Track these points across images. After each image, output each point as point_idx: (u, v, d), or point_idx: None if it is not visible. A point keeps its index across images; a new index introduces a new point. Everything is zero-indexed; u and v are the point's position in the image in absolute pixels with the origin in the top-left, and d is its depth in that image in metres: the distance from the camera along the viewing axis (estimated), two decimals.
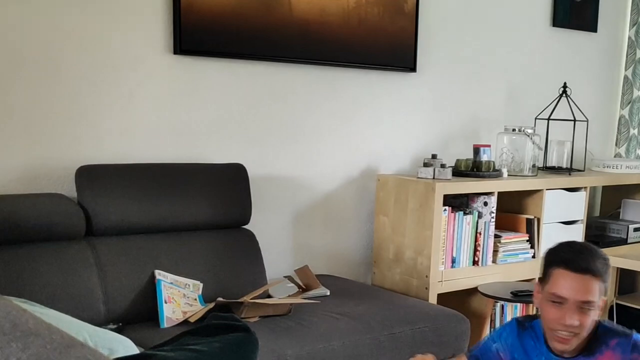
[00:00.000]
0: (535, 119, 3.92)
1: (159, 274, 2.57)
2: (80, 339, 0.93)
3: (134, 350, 1.96)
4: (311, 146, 3.31)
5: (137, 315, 2.53)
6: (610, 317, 3.96)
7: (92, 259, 2.50)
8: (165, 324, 2.48)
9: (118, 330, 2.31)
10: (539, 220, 3.59)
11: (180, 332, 1.82)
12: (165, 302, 2.51)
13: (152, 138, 2.86)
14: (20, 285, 2.30)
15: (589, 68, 4.40)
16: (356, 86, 3.42)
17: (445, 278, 3.25)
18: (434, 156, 3.43)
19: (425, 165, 3.37)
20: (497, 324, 3.55)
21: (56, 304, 2.31)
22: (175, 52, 2.85)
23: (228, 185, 2.85)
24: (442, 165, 3.32)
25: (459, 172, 3.42)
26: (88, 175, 2.56)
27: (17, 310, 0.91)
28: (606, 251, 4.00)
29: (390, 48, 3.44)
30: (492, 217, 3.36)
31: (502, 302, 3.48)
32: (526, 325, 2.04)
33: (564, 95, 3.87)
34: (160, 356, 1.79)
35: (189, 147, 2.96)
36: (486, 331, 3.38)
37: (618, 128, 4.56)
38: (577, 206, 3.76)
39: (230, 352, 1.78)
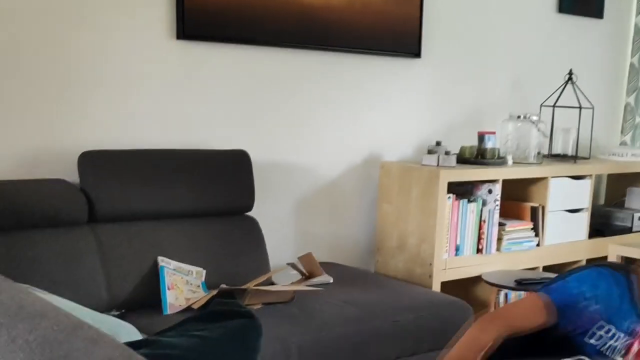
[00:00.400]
0: (541, 106, 3.89)
1: (162, 261, 2.56)
2: None
3: (138, 336, 1.95)
4: (315, 133, 3.29)
5: (140, 301, 2.52)
6: None
7: (95, 245, 2.48)
8: (168, 311, 2.47)
9: (121, 317, 2.30)
10: (543, 208, 3.57)
11: (184, 318, 1.80)
12: (168, 289, 2.50)
13: (155, 124, 2.84)
14: (22, 271, 2.29)
15: (595, 55, 4.37)
16: (360, 72, 3.39)
17: (449, 266, 3.24)
18: (438, 143, 3.41)
19: (430, 152, 3.35)
20: None
21: (58, 290, 2.30)
22: (178, 37, 2.82)
23: (231, 172, 2.83)
24: (447, 153, 3.31)
25: (463, 159, 3.40)
26: (91, 160, 2.55)
27: (23, 293, 0.90)
28: (610, 240, 4.01)
29: (394, 33, 3.42)
30: (497, 205, 3.34)
31: (506, 291, 3.47)
32: (626, 279, 1.82)
33: (569, 82, 3.84)
34: (164, 342, 1.78)
35: (191, 133, 2.94)
36: None
37: (624, 116, 4.54)
38: (582, 194, 3.75)
39: (234, 338, 1.77)
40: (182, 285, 2.54)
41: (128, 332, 1.94)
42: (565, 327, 1.78)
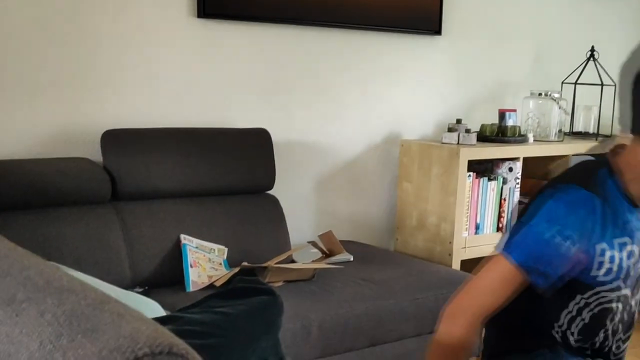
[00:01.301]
0: (562, 83, 3.86)
1: (185, 239, 2.59)
2: None
3: (161, 312, 1.98)
4: (335, 111, 3.28)
5: (163, 279, 2.55)
6: None
7: (118, 223, 2.51)
8: (191, 288, 2.50)
9: (144, 294, 2.33)
10: None
11: (207, 295, 1.83)
12: (191, 266, 2.53)
13: (176, 102, 2.86)
14: (47, 249, 2.33)
15: (618, 31, 4.31)
16: (381, 50, 3.38)
17: (469, 244, 3.23)
18: (458, 121, 3.39)
19: (450, 130, 3.34)
20: None
21: (82, 267, 2.34)
22: (199, 16, 2.83)
23: (252, 150, 2.84)
24: (467, 131, 3.29)
25: (483, 137, 3.39)
26: (113, 139, 2.57)
27: (51, 268, 0.92)
28: None
29: (415, 11, 3.39)
30: (517, 183, 3.33)
31: None
32: (601, 190, 1.49)
33: (591, 59, 3.80)
34: (187, 318, 1.81)
35: (213, 112, 2.95)
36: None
37: None
38: None
39: (256, 314, 1.79)
40: (205, 262, 2.57)
41: (152, 308, 1.97)
42: (548, 281, 1.46)
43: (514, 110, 3.57)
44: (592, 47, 3.82)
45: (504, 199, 3.33)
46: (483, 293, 1.48)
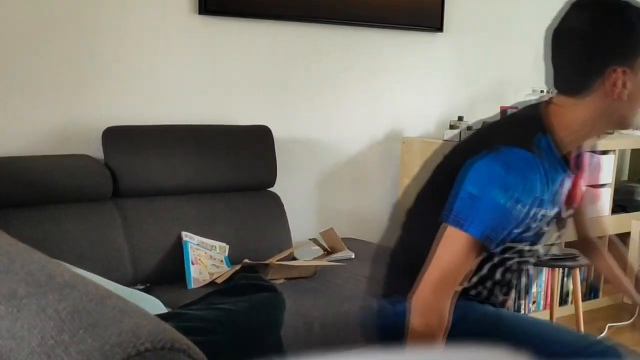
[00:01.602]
0: None
1: (186, 236, 2.58)
2: None
3: (162, 309, 1.98)
4: (336, 108, 3.28)
5: (164, 276, 2.55)
6: (637, 283, 3.93)
7: (119, 220, 2.51)
8: (193, 285, 2.50)
9: (146, 291, 2.33)
10: None
11: (208, 292, 1.83)
12: (192, 264, 2.53)
13: (177, 99, 2.85)
14: (49, 245, 2.32)
15: None
16: (382, 47, 3.37)
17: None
18: (460, 118, 3.39)
19: (452, 127, 3.33)
20: (521, 288, 3.54)
21: (84, 265, 2.34)
22: (200, 12, 2.82)
23: (253, 147, 2.84)
24: (469, 128, 3.28)
25: None
26: (115, 136, 2.57)
27: (52, 263, 0.92)
28: (634, 215, 3.97)
29: (416, 8, 3.38)
30: None
31: (528, 267, 3.46)
32: (538, 150, 1.48)
33: None
34: (189, 315, 1.81)
35: (214, 109, 2.95)
36: (511, 295, 3.36)
37: None
38: (605, 169, 3.71)
39: (258, 311, 1.79)
40: (206, 260, 2.57)
41: (153, 305, 1.96)
42: (499, 244, 1.51)
43: (516, 108, 3.56)
44: None
45: None
46: (451, 272, 1.47)
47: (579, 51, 1.46)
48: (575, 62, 1.47)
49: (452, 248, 1.46)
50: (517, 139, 1.47)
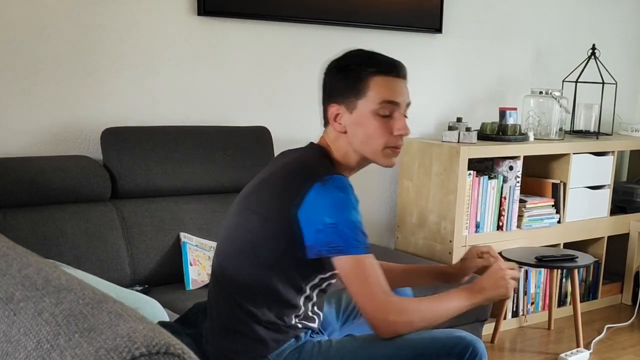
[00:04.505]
0: (563, 81, 3.85)
1: (184, 237, 2.59)
2: None
3: (161, 311, 1.98)
4: None
5: (163, 277, 2.55)
6: (635, 284, 3.94)
7: (118, 221, 2.51)
8: (191, 286, 2.50)
9: (144, 292, 2.34)
10: (565, 185, 3.55)
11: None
12: (191, 265, 2.53)
13: (176, 100, 2.85)
14: (47, 246, 2.33)
15: (619, 29, 4.30)
16: (381, 48, 3.34)
17: (469, 243, 3.23)
18: (459, 119, 3.39)
19: (450, 128, 3.33)
20: (521, 290, 3.54)
21: (82, 265, 2.34)
22: (199, 14, 2.82)
23: (252, 148, 2.84)
24: (467, 129, 3.29)
25: (484, 135, 3.39)
26: (113, 137, 2.57)
27: (49, 267, 0.92)
28: (633, 216, 3.98)
29: (415, 8, 3.39)
30: (518, 182, 3.32)
31: (526, 268, 3.47)
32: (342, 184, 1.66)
33: (592, 57, 3.79)
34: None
35: (213, 110, 2.95)
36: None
37: None
38: (604, 171, 3.72)
39: None
40: (204, 261, 2.57)
41: (152, 307, 1.97)
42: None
43: (515, 109, 3.57)
44: (593, 45, 3.82)
45: (504, 198, 3.33)
46: (372, 285, 1.59)
47: (321, 91, 1.80)
48: (320, 100, 1.79)
49: (365, 269, 1.58)
50: (330, 169, 1.68)
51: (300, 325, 1.70)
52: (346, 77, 1.72)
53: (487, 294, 1.69)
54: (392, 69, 1.76)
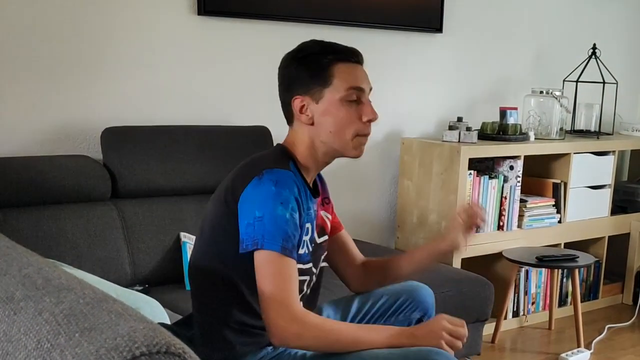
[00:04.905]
0: (564, 81, 3.85)
1: (184, 236, 2.58)
2: None
3: (161, 311, 1.98)
4: None
5: (163, 277, 2.55)
6: (636, 284, 3.93)
7: (118, 221, 2.51)
8: None
9: (144, 292, 2.33)
10: (565, 184, 3.55)
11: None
12: None
13: (177, 100, 2.85)
14: (47, 246, 2.32)
15: (620, 29, 4.30)
16: (381, 47, 3.37)
17: (470, 242, 3.22)
18: (459, 119, 3.39)
19: (451, 128, 3.33)
20: (522, 289, 3.54)
21: (83, 265, 2.34)
22: (199, 13, 2.82)
23: (252, 148, 2.83)
24: (468, 129, 3.29)
25: (484, 135, 3.38)
26: (113, 137, 2.57)
27: (49, 266, 0.91)
28: (634, 216, 3.98)
29: (416, 8, 3.39)
30: (518, 182, 3.32)
31: (527, 267, 3.47)
32: (294, 174, 1.65)
33: (593, 56, 3.79)
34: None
35: (213, 109, 2.95)
36: (510, 296, 3.37)
37: None
38: (604, 170, 3.72)
39: None
40: None
41: (152, 306, 1.96)
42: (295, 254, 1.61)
43: (515, 108, 3.57)
44: (594, 44, 3.82)
45: (505, 198, 3.33)
46: (286, 289, 1.54)
47: (279, 86, 1.75)
48: (280, 95, 1.74)
49: (270, 268, 1.54)
50: (278, 164, 1.63)
51: None
52: (308, 68, 1.70)
53: (417, 342, 1.59)
54: (352, 55, 1.76)
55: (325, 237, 1.83)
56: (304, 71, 1.70)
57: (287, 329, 1.52)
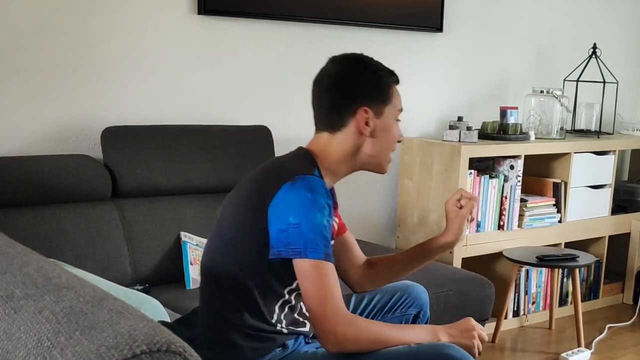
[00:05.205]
0: (564, 80, 3.85)
1: (185, 236, 2.58)
2: None
3: (162, 310, 1.98)
4: None
5: (163, 276, 2.55)
6: (637, 284, 3.93)
7: (119, 221, 2.51)
8: (191, 286, 2.50)
9: (145, 292, 2.33)
10: (566, 184, 3.55)
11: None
12: (191, 264, 2.53)
13: (177, 99, 2.85)
14: (48, 246, 2.32)
15: (620, 28, 4.30)
16: (381, 47, 3.37)
17: (470, 242, 3.23)
18: (460, 118, 3.39)
19: (451, 127, 3.33)
20: (522, 289, 3.54)
21: (83, 264, 2.34)
22: (199, 12, 2.82)
23: (253, 148, 2.84)
24: (468, 128, 3.29)
25: (485, 134, 3.38)
26: (114, 136, 2.57)
27: (50, 265, 0.91)
28: (634, 216, 3.98)
29: (416, 8, 3.38)
30: (519, 181, 3.32)
31: (527, 267, 3.47)
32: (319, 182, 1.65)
33: (593, 56, 3.79)
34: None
35: (213, 109, 2.95)
36: (510, 296, 3.37)
37: None
38: (605, 170, 3.72)
39: None
40: None
41: (152, 306, 1.96)
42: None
43: (516, 108, 3.56)
44: (594, 44, 3.81)
45: (505, 197, 3.33)
46: (327, 296, 1.54)
47: (336, 92, 1.73)
48: (333, 101, 1.73)
49: (321, 274, 1.54)
50: (306, 170, 1.64)
51: (286, 331, 1.67)
52: (380, 83, 1.74)
53: (452, 339, 1.64)
54: (398, 79, 1.81)
55: (333, 241, 1.83)
56: (375, 85, 1.74)
57: (345, 334, 1.53)
